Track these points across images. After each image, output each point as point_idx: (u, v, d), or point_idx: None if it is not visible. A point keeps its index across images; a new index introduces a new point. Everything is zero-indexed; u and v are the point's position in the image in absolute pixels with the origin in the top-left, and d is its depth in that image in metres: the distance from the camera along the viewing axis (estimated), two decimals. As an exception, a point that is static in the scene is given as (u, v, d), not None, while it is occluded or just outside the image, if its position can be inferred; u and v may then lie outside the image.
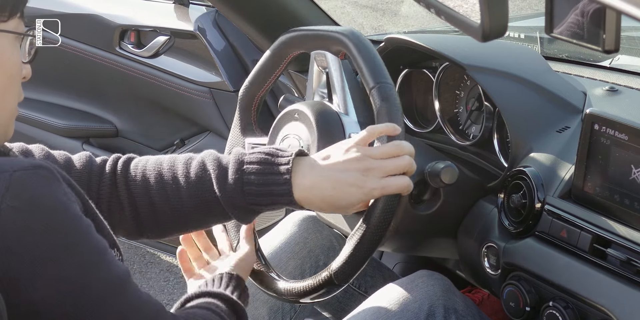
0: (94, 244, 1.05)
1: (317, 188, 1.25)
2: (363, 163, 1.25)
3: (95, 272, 1.04)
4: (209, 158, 1.30)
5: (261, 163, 1.26)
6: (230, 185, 1.27)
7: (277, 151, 1.27)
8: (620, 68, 1.78)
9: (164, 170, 1.32)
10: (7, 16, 1.10)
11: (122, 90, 2.65)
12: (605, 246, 1.35)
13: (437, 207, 1.55)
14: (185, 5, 2.49)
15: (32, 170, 1.02)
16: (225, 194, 1.27)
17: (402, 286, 1.54)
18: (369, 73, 1.33)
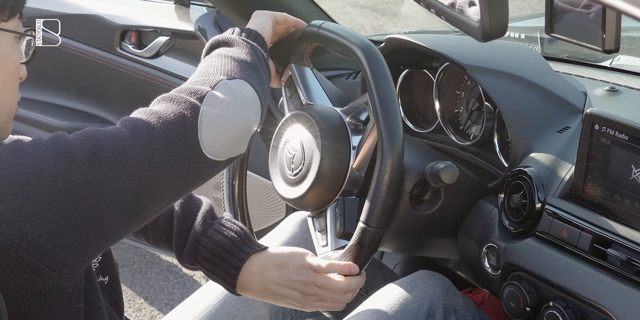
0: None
1: (258, 295, 1.45)
2: (307, 289, 1.42)
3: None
4: (178, 210, 1.48)
5: (215, 255, 1.44)
6: (185, 253, 1.47)
7: (234, 249, 1.43)
8: (621, 68, 1.78)
9: None
10: (7, 16, 1.11)
11: (123, 90, 2.65)
12: (605, 246, 1.35)
13: (437, 207, 1.55)
14: (186, 5, 2.49)
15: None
16: (180, 256, 1.48)
17: (402, 286, 1.54)
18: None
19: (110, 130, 1.10)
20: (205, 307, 1.65)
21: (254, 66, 1.26)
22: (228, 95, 1.17)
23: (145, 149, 1.09)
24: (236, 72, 1.22)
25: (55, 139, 1.08)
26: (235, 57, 1.26)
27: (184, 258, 1.47)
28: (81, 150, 1.06)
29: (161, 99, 1.18)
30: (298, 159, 1.47)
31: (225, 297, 1.66)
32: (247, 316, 1.63)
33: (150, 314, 2.72)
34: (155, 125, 1.11)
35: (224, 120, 1.15)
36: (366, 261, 1.39)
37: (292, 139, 1.49)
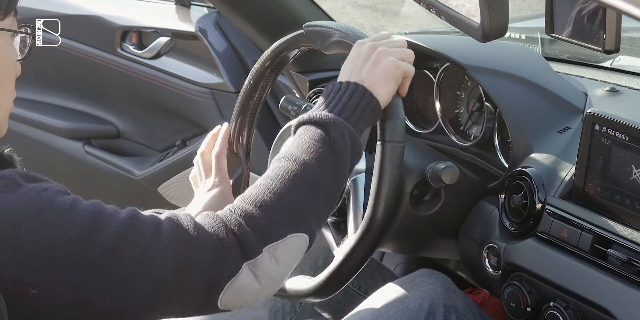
0: (78, 223, 1.04)
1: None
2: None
3: (88, 242, 1.03)
4: None
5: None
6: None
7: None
8: (622, 69, 1.77)
9: None
10: (2, 14, 1.11)
11: (124, 91, 2.65)
12: (606, 246, 1.35)
13: (437, 207, 1.55)
14: (187, 6, 2.49)
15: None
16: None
17: (402, 285, 1.54)
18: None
19: (150, 227, 1.08)
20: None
21: (338, 184, 1.21)
22: (278, 265, 1.11)
23: (167, 268, 1.06)
24: (308, 215, 1.14)
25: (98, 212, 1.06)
26: (322, 175, 1.17)
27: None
28: (111, 236, 1.05)
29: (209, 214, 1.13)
30: None
31: (225, 298, 1.65)
32: (246, 316, 1.63)
33: (150, 314, 2.71)
34: (187, 251, 1.07)
35: (256, 291, 1.11)
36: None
37: None
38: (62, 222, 1.04)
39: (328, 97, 1.26)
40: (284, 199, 1.13)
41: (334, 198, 1.21)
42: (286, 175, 1.16)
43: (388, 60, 1.29)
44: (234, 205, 1.13)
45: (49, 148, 2.69)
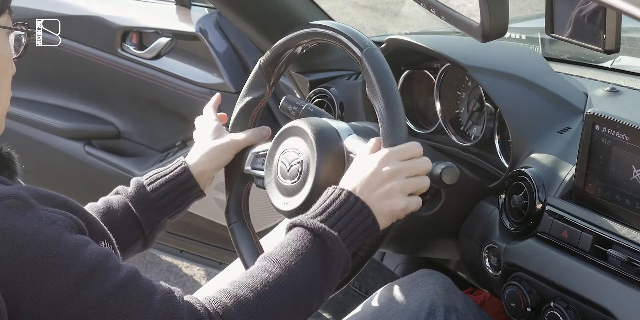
0: (78, 265, 1.06)
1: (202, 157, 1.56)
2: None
3: (81, 290, 1.05)
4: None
5: (155, 171, 1.56)
6: (134, 190, 1.52)
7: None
8: (622, 69, 1.77)
9: None
10: None
11: (124, 91, 2.65)
12: (606, 246, 1.35)
13: (438, 208, 1.55)
14: (187, 6, 2.49)
15: (1, 201, 1.03)
16: (130, 197, 1.51)
17: (402, 285, 1.54)
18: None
19: (142, 295, 1.11)
20: (206, 307, 1.65)
21: (322, 297, 1.24)
22: None
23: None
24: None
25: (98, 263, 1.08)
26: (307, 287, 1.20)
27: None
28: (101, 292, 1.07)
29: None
30: (294, 171, 1.47)
31: (225, 298, 1.65)
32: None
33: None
34: None
35: None
36: None
37: (287, 151, 1.49)
38: (61, 263, 1.05)
39: (331, 206, 1.26)
40: (264, 304, 1.16)
41: (315, 308, 1.24)
42: (272, 281, 1.18)
43: (400, 201, 1.29)
44: (218, 299, 1.16)
45: (50, 148, 2.69)
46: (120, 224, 1.48)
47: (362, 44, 1.39)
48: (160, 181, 1.53)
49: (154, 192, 1.52)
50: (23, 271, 1.02)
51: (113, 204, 1.50)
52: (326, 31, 1.45)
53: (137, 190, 1.52)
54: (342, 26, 1.44)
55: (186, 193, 1.54)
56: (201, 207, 2.52)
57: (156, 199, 1.52)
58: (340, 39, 1.42)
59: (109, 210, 1.49)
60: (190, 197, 1.56)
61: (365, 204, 1.27)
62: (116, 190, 1.54)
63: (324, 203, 1.27)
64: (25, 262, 1.02)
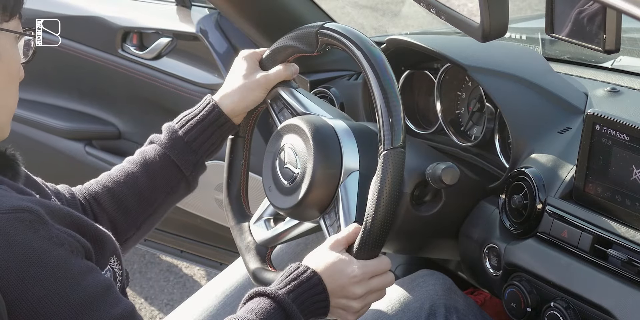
0: (81, 292, 1.07)
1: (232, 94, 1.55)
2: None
3: (84, 314, 1.06)
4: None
5: (185, 114, 1.55)
6: (166, 137, 1.52)
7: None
8: (622, 69, 1.77)
9: (112, 171, 1.52)
10: (8, 16, 1.12)
11: (125, 92, 2.65)
12: (606, 247, 1.35)
13: (438, 208, 1.54)
14: (188, 7, 2.49)
15: (12, 214, 1.03)
16: (164, 144, 1.51)
17: (403, 285, 1.54)
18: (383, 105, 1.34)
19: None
20: (205, 308, 1.66)
21: None
22: None
23: None
24: None
25: (98, 295, 1.10)
26: None
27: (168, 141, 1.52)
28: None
29: None
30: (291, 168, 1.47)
31: (225, 298, 1.66)
32: (248, 316, 1.63)
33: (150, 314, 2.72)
34: None
35: None
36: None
37: (285, 148, 1.49)
38: (64, 287, 1.06)
39: (300, 287, 1.28)
40: None
41: None
42: None
43: (363, 306, 1.33)
44: None
45: (50, 149, 2.69)
46: (160, 171, 1.50)
47: (364, 45, 1.39)
48: (192, 122, 1.53)
49: (187, 134, 1.52)
50: (27, 286, 1.03)
51: (148, 154, 1.51)
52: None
53: (169, 135, 1.52)
54: (347, 29, 1.44)
55: (219, 130, 1.53)
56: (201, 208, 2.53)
57: (190, 141, 1.51)
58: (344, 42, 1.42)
59: (146, 161, 1.51)
60: (224, 132, 1.55)
61: (328, 294, 1.30)
62: (150, 140, 1.54)
63: (288, 277, 1.30)
64: (30, 278, 1.03)
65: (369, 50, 1.39)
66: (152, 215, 1.51)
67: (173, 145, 1.51)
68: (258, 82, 1.53)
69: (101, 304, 1.08)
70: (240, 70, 1.56)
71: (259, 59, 1.58)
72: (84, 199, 1.47)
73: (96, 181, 1.51)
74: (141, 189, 1.48)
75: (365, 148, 1.45)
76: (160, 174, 1.49)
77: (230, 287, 1.69)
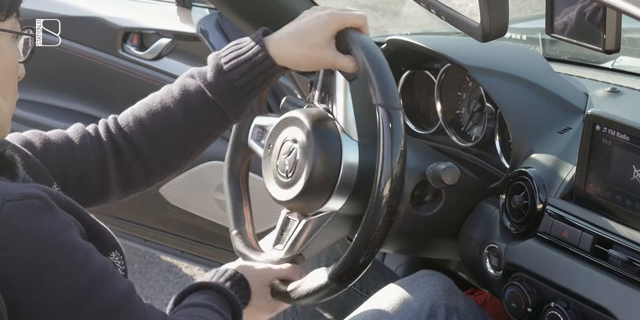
0: (91, 269, 1.07)
1: (286, 37, 1.38)
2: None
3: (91, 296, 1.06)
4: (184, 74, 1.43)
5: (233, 49, 1.40)
6: (210, 73, 1.39)
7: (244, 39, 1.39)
8: (623, 69, 1.78)
9: (150, 102, 1.44)
10: (4, 15, 1.12)
11: (125, 92, 2.65)
12: (606, 247, 1.35)
13: (438, 208, 1.55)
14: (188, 7, 2.49)
15: (22, 200, 1.03)
16: (207, 82, 1.39)
17: (403, 286, 1.54)
18: (380, 92, 1.32)
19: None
20: (206, 308, 1.65)
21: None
22: None
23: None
24: None
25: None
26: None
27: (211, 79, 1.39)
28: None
29: None
30: (291, 161, 1.47)
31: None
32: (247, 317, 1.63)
33: (151, 315, 2.72)
34: None
35: None
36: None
37: (286, 141, 1.49)
38: (77, 266, 1.06)
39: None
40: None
41: None
42: None
43: None
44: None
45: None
46: (202, 115, 1.41)
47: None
48: (239, 61, 1.39)
49: (235, 79, 1.39)
50: (40, 272, 1.03)
51: (191, 93, 1.40)
52: None
53: (215, 76, 1.39)
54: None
55: (264, 73, 1.39)
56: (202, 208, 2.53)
57: (238, 87, 1.39)
58: None
59: (188, 102, 1.40)
60: (269, 77, 1.40)
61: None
62: (190, 74, 1.42)
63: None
64: (43, 262, 1.03)
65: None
66: (186, 158, 1.46)
67: (220, 90, 1.39)
68: (317, 24, 1.38)
69: (109, 281, 1.09)
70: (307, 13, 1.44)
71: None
72: (116, 133, 1.43)
73: (132, 114, 1.44)
74: (179, 131, 1.41)
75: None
76: (202, 118, 1.41)
77: (231, 287, 1.69)
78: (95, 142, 1.43)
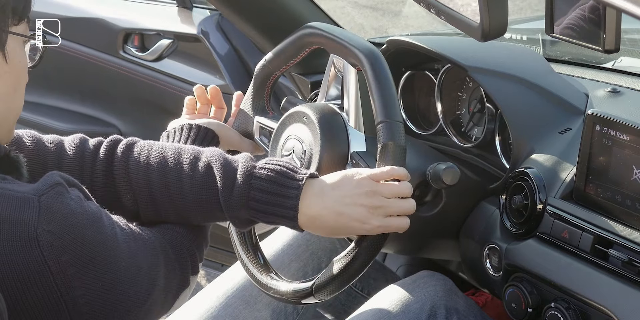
0: (121, 228, 1.16)
1: (320, 219, 1.26)
2: (372, 200, 1.26)
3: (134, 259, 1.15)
4: (216, 162, 1.28)
5: (271, 182, 1.25)
6: (235, 198, 1.26)
7: (288, 172, 1.26)
8: (623, 69, 1.77)
9: (168, 167, 1.29)
10: (17, 19, 1.12)
11: (126, 93, 2.66)
12: (606, 247, 1.35)
13: (439, 208, 1.55)
14: (189, 8, 2.50)
15: (52, 190, 1.08)
16: (228, 206, 1.26)
17: (403, 287, 1.54)
18: (380, 106, 1.33)
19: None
20: (207, 309, 1.66)
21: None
22: None
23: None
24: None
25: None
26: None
27: (234, 200, 1.26)
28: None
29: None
30: (298, 154, 1.46)
31: (227, 299, 1.66)
32: (248, 317, 1.63)
33: (152, 316, 2.72)
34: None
35: None
36: (402, 158, 1.32)
37: (291, 136, 1.48)
38: (112, 229, 1.14)
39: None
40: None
41: None
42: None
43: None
44: None
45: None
46: (205, 213, 1.34)
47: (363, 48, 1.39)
48: (267, 205, 1.28)
49: (252, 213, 1.28)
50: (87, 249, 1.08)
51: (204, 194, 1.29)
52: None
53: (236, 203, 1.28)
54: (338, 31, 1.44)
55: (278, 223, 1.31)
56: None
57: (251, 213, 1.29)
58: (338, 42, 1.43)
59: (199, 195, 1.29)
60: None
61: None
62: (221, 169, 1.28)
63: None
64: (88, 238, 1.09)
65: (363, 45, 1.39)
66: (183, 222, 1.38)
67: (233, 209, 1.28)
68: None
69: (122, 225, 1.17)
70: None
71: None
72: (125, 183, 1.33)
73: (146, 171, 1.31)
74: (181, 211, 1.33)
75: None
76: (206, 216, 1.34)
77: (232, 288, 1.69)
78: (89, 167, 1.34)
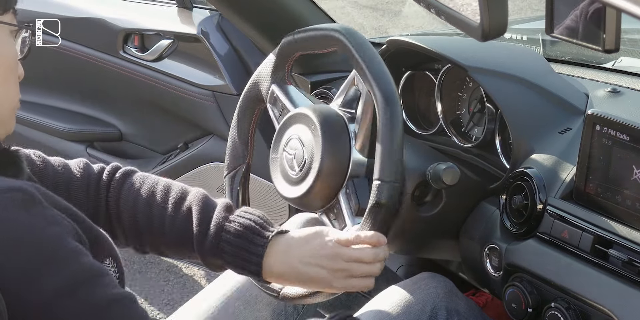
0: (78, 265, 1.02)
1: (284, 276, 1.33)
2: (332, 263, 1.30)
3: (76, 293, 1.01)
4: (196, 206, 1.37)
5: (239, 237, 1.33)
6: (207, 246, 1.35)
7: (257, 228, 1.34)
8: (623, 70, 1.78)
9: (156, 202, 1.39)
10: (2, 9, 1.12)
11: (126, 93, 2.66)
12: (606, 247, 1.35)
13: (439, 208, 1.55)
14: (189, 8, 2.49)
15: (4, 194, 0.99)
16: (201, 251, 1.36)
17: (404, 288, 1.54)
18: (381, 162, 1.32)
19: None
20: (207, 309, 1.66)
21: None
22: None
23: None
24: None
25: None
26: None
27: (206, 248, 1.34)
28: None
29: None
30: (299, 157, 1.47)
31: (227, 300, 1.66)
32: (248, 317, 1.63)
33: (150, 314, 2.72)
34: None
35: None
36: (389, 222, 1.31)
37: (292, 138, 1.48)
38: (58, 264, 1.01)
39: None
40: None
41: None
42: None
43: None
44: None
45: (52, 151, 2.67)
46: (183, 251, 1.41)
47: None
48: (236, 252, 1.35)
49: (225, 257, 1.35)
50: (17, 269, 0.98)
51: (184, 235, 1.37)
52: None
53: (210, 250, 1.36)
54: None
55: (245, 271, 1.37)
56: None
57: (224, 257, 1.36)
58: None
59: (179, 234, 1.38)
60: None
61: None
62: (198, 217, 1.36)
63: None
64: (20, 260, 0.98)
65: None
66: (163, 255, 1.49)
67: (207, 255, 1.36)
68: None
69: (98, 282, 1.03)
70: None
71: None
72: (115, 208, 1.41)
73: (134, 204, 1.40)
74: (167, 243, 1.42)
75: None
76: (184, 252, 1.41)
77: (231, 288, 1.69)
78: (94, 188, 1.41)
